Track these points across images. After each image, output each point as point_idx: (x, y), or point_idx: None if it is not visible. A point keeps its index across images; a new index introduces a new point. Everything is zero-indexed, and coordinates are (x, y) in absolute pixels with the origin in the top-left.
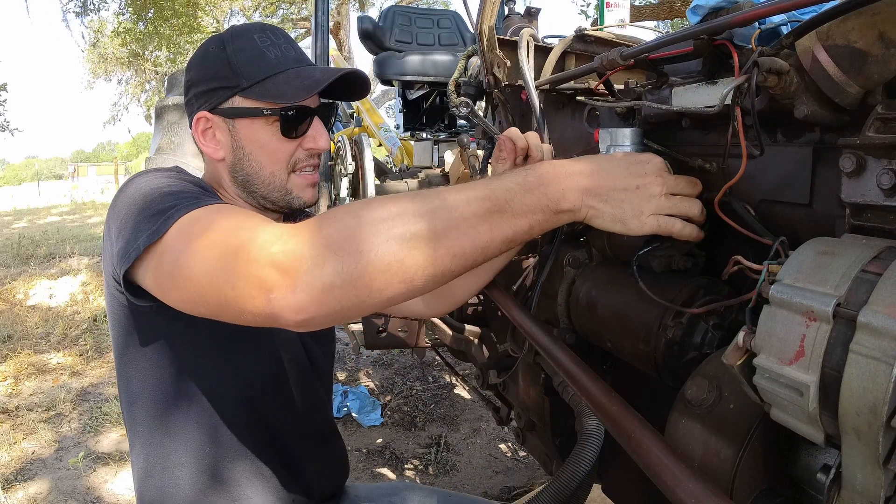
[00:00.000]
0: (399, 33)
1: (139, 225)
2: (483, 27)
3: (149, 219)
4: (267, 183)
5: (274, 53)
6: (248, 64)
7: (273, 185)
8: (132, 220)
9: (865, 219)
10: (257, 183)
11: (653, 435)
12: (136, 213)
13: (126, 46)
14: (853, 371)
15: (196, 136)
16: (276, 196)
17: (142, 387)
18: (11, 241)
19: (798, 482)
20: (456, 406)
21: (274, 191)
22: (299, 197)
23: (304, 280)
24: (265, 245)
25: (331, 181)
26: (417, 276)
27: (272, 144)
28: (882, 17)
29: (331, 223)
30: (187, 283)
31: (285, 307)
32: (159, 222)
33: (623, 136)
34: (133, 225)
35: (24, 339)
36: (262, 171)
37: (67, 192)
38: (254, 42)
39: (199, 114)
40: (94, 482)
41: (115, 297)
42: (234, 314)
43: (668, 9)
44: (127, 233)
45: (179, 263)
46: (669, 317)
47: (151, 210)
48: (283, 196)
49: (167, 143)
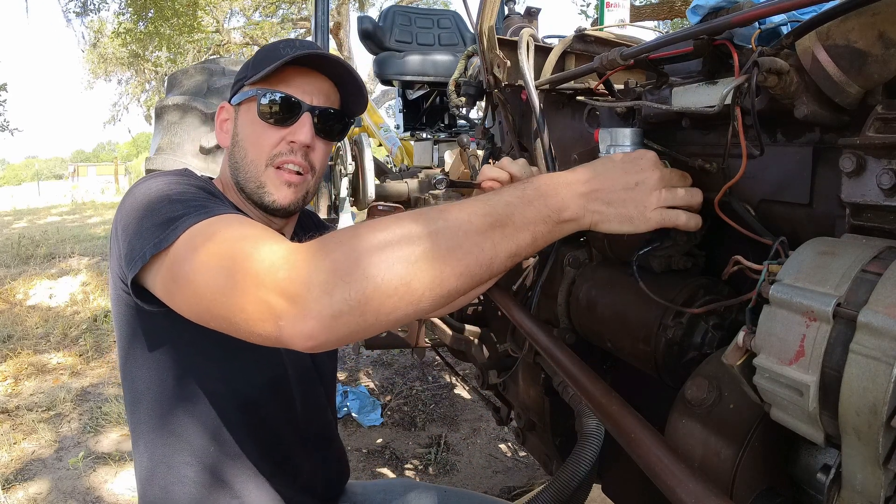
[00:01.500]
0: (399, 33)
1: (147, 232)
2: (483, 27)
3: (157, 226)
4: (246, 171)
5: (286, 50)
6: (261, 59)
7: (249, 175)
8: (140, 226)
9: (865, 219)
10: (240, 171)
11: (653, 435)
12: (143, 219)
13: (126, 46)
14: (853, 371)
15: (216, 128)
16: (251, 188)
17: (146, 386)
18: (11, 241)
19: (798, 482)
20: (456, 406)
21: (249, 180)
22: (270, 193)
23: (314, 308)
24: (273, 270)
25: (331, 181)
26: (425, 297)
27: (255, 129)
28: (882, 17)
29: (337, 247)
30: (196, 298)
31: (295, 334)
32: (167, 231)
33: (623, 136)
34: (141, 231)
35: (24, 339)
36: (245, 157)
37: (67, 192)
38: (276, 45)
39: (220, 104)
40: (94, 482)
41: (121, 297)
42: (244, 334)
43: (668, 9)
44: (134, 238)
45: (188, 277)
46: (669, 317)
47: (159, 217)
48: (256, 189)
49: (167, 143)
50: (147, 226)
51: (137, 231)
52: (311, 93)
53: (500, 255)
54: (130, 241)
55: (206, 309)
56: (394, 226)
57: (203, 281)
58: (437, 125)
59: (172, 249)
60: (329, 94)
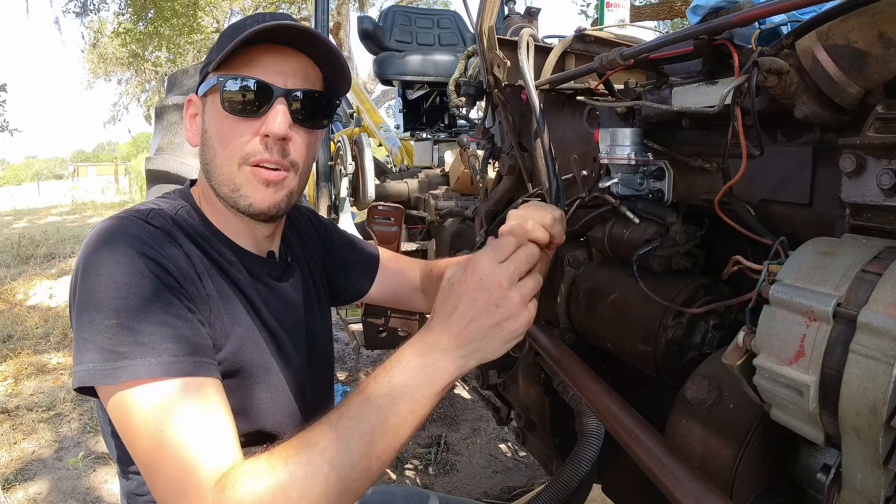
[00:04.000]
0: (399, 33)
1: (87, 346)
2: (483, 27)
3: (101, 349)
4: (218, 174)
5: (251, 24)
6: (226, 38)
7: (222, 177)
8: (84, 328)
9: (865, 219)
10: (212, 174)
11: (653, 435)
12: (88, 323)
13: (126, 47)
14: (853, 371)
15: (185, 124)
16: (225, 192)
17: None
18: (11, 241)
19: (798, 482)
20: (456, 406)
21: (223, 184)
22: (246, 196)
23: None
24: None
25: (331, 181)
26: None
27: (223, 124)
28: (882, 17)
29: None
30: (135, 454)
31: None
32: (109, 365)
33: (623, 136)
34: (85, 338)
35: (24, 339)
36: (215, 158)
37: (67, 192)
38: (242, 22)
39: (188, 97)
40: (94, 482)
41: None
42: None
43: (668, 9)
44: (77, 342)
45: (128, 438)
46: (669, 317)
47: (104, 336)
48: (231, 193)
49: (167, 143)
50: (94, 334)
51: (83, 334)
52: (284, 73)
53: (388, 455)
54: (77, 341)
55: (145, 468)
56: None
57: (143, 458)
58: (437, 125)
59: (115, 392)
60: (308, 74)
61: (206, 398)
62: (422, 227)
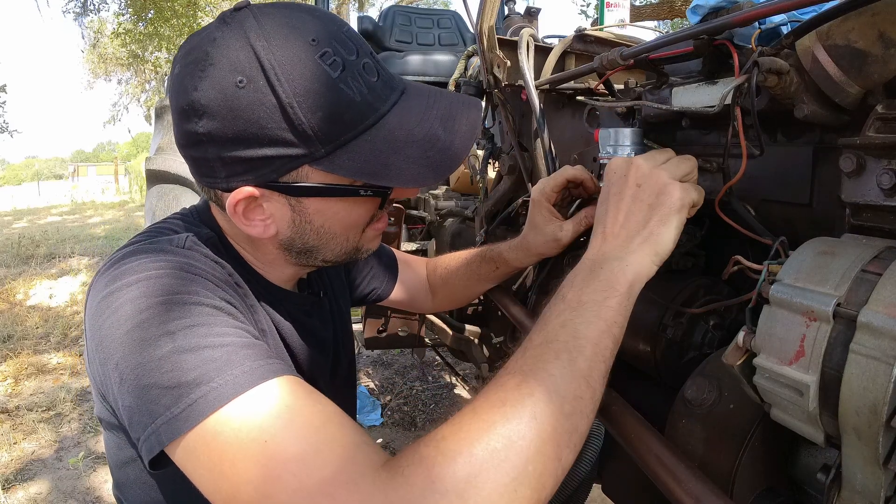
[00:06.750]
0: (399, 33)
1: (148, 396)
2: (483, 27)
3: (162, 393)
4: (335, 250)
5: (355, 87)
6: (322, 117)
7: (343, 250)
8: (135, 383)
9: (865, 219)
10: (322, 251)
11: (653, 435)
12: (138, 371)
13: (126, 47)
14: (853, 371)
15: (233, 216)
16: (343, 258)
17: (141, 499)
18: (11, 241)
19: (798, 482)
20: (456, 406)
21: (342, 255)
22: (368, 250)
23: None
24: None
25: None
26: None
27: (360, 219)
28: (882, 17)
29: (447, 463)
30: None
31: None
32: (180, 408)
33: (623, 136)
34: (139, 392)
35: (24, 339)
36: (335, 239)
37: (67, 192)
38: (316, 68)
39: (240, 191)
40: (94, 482)
41: (111, 422)
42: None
43: (668, 9)
44: (133, 402)
45: (237, 474)
46: (669, 317)
47: (163, 378)
48: (352, 255)
49: (167, 143)
50: (148, 386)
51: (135, 389)
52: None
53: (598, 378)
54: (128, 404)
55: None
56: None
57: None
58: None
59: (192, 438)
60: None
61: (317, 394)
62: (422, 227)
